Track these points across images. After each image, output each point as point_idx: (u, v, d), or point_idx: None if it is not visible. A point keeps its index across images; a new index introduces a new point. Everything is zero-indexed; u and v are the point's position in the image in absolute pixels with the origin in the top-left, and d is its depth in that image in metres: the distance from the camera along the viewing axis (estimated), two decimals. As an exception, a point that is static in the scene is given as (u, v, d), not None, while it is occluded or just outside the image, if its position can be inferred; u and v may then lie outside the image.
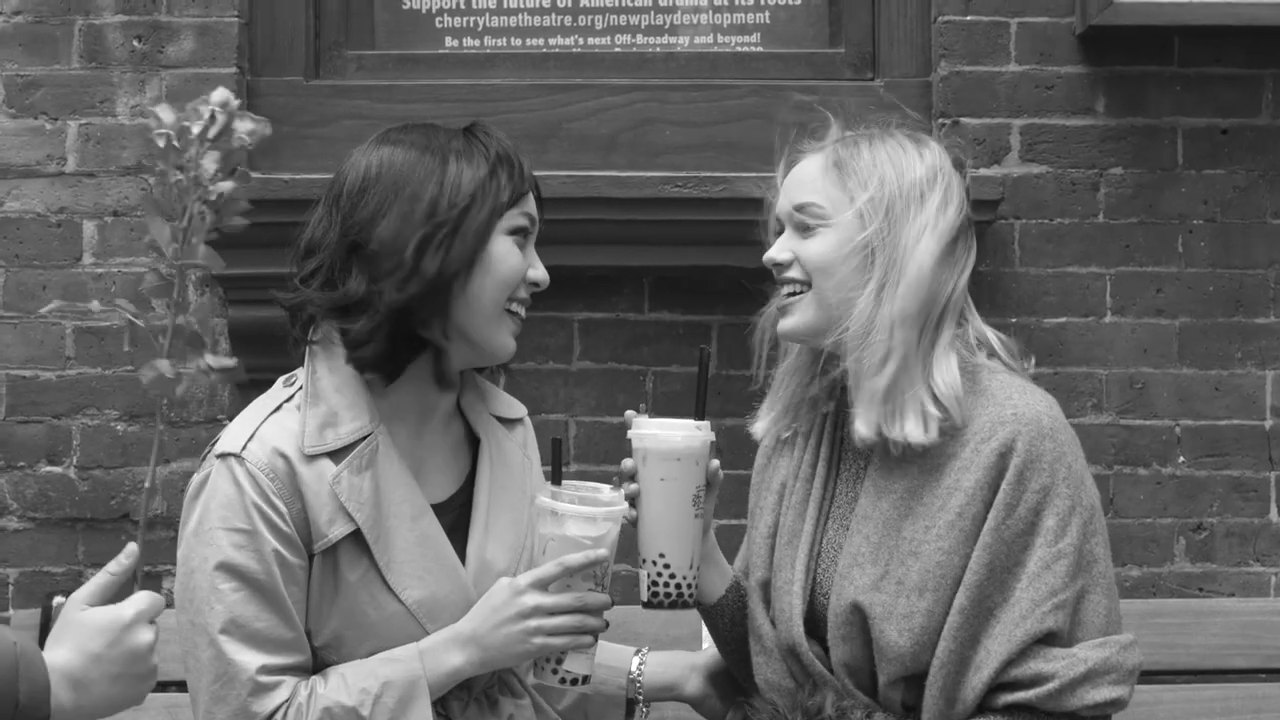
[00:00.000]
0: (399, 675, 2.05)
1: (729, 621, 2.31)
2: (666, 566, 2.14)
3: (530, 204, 2.19)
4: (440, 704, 2.11)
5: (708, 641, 2.43)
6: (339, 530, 2.07)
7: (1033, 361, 2.30)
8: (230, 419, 2.28)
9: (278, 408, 2.13)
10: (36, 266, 3.27)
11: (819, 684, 2.18)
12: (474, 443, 2.26)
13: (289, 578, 2.06)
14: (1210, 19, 3.19)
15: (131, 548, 1.81)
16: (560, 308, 3.28)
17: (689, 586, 2.16)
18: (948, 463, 2.12)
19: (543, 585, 2.06)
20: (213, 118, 1.76)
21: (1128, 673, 2.11)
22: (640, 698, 2.36)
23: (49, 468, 3.26)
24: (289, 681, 2.05)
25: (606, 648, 2.39)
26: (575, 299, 3.29)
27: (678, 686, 2.38)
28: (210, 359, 1.82)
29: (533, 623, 2.05)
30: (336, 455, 2.10)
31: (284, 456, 2.07)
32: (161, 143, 1.74)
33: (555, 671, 2.11)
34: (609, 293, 3.30)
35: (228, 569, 2.04)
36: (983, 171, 3.26)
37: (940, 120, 3.28)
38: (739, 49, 3.44)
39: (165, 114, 1.76)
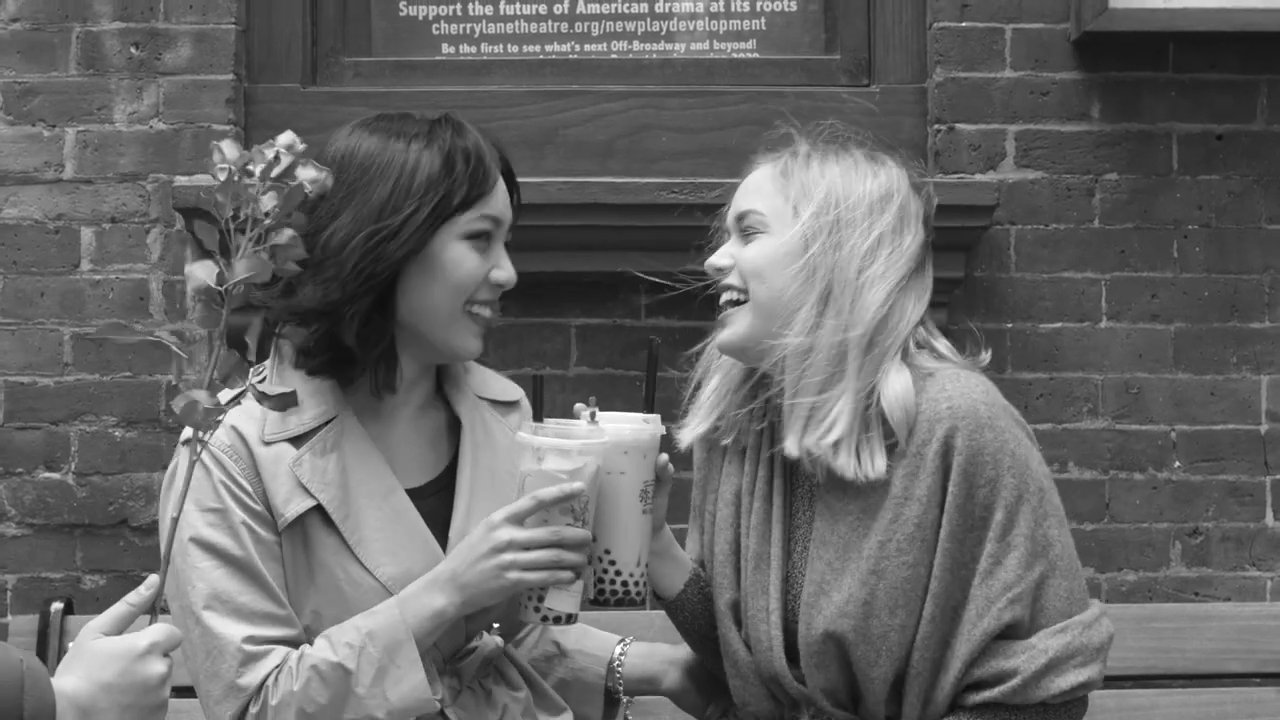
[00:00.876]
0: (380, 625, 2.05)
1: (690, 615, 2.28)
2: (613, 563, 2.10)
3: (493, 205, 2.17)
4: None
5: None
6: (295, 508, 2.09)
7: (986, 355, 2.23)
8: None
9: (242, 393, 2.16)
10: (34, 273, 3.27)
11: (798, 702, 2.18)
12: (459, 429, 2.26)
13: (265, 553, 2.08)
14: (1205, 25, 3.20)
15: (153, 579, 1.81)
16: (557, 313, 3.30)
17: (636, 584, 2.11)
18: (893, 471, 2.09)
19: (518, 520, 2.04)
20: (277, 158, 1.78)
21: (1095, 651, 2.09)
22: (619, 687, 2.37)
23: (47, 474, 3.26)
24: (279, 650, 2.06)
25: (592, 635, 2.41)
26: (572, 304, 3.30)
27: (656, 679, 2.38)
28: (262, 386, 1.83)
29: (507, 556, 2.03)
30: (298, 440, 2.12)
31: (242, 439, 2.10)
32: (222, 177, 1.75)
33: (538, 610, 2.07)
34: (606, 298, 3.31)
35: (203, 545, 2.07)
36: (978, 177, 3.27)
37: (935, 126, 3.29)
38: (735, 55, 3.45)
39: (229, 150, 1.77)
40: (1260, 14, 3.18)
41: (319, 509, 2.10)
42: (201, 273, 1.77)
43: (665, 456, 2.15)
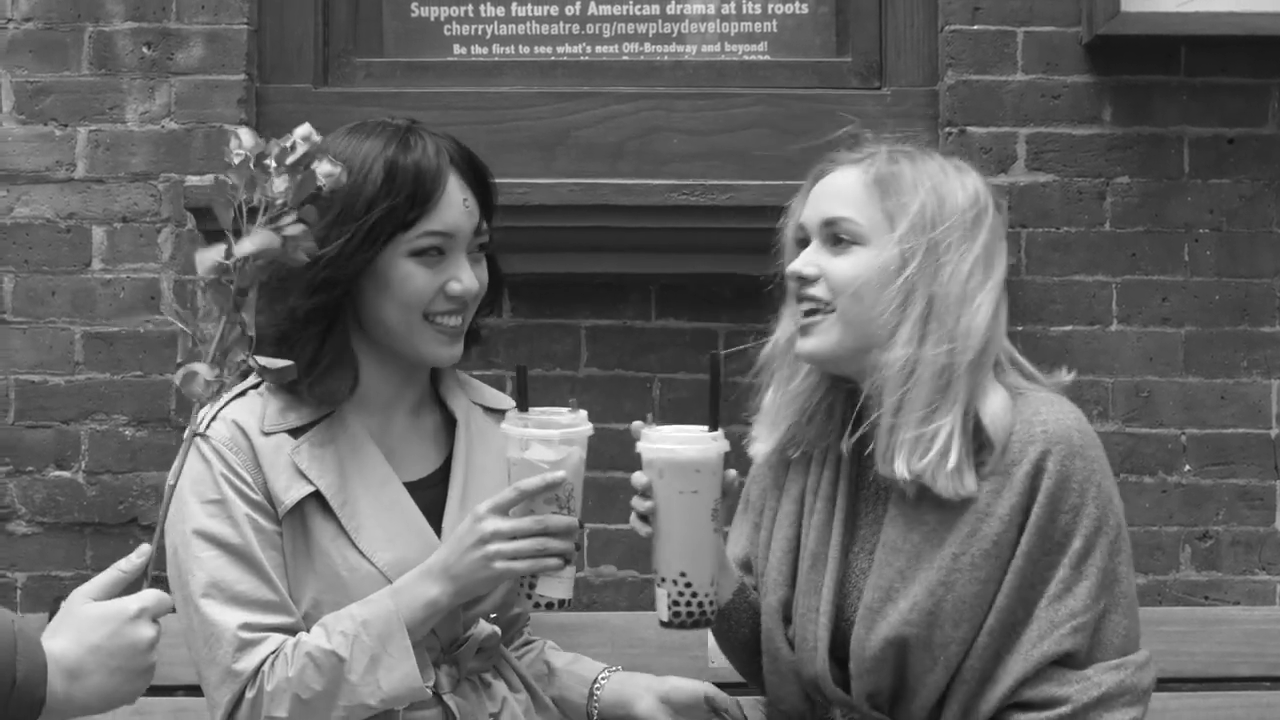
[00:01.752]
0: (374, 614, 2.08)
1: (734, 623, 2.28)
2: (689, 585, 2.06)
3: (440, 220, 2.15)
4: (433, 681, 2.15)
5: (717, 659, 2.42)
6: (295, 494, 2.13)
7: (1064, 372, 2.25)
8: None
9: (243, 392, 2.20)
10: (45, 272, 3.28)
11: (832, 702, 2.17)
12: (454, 429, 2.30)
13: (265, 542, 2.12)
14: (1217, 29, 3.20)
15: (144, 547, 1.84)
16: (567, 314, 3.30)
17: (710, 603, 2.08)
18: (979, 487, 2.08)
19: (502, 510, 2.06)
20: (292, 146, 1.82)
21: (1142, 693, 2.10)
22: (595, 710, 2.38)
23: (57, 472, 3.27)
24: (274, 637, 2.10)
25: (584, 660, 2.44)
26: (582, 306, 3.30)
27: (629, 704, 2.37)
28: (262, 359, 1.86)
29: (492, 547, 2.05)
30: (296, 432, 2.16)
31: (243, 432, 2.14)
32: (237, 160, 1.79)
33: (530, 597, 2.09)
34: (616, 300, 3.31)
35: (204, 536, 2.11)
36: (989, 180, 3.26)
37: (947, 129, 3.29)
38: (746, 57, 3.45)
39: (247, 137, 1.81)
40: (1272, 18, 3.18)
41: (317, 496, 2.14)
42: (211, 254, 1.80)
43: (733, 472, 2.11)
